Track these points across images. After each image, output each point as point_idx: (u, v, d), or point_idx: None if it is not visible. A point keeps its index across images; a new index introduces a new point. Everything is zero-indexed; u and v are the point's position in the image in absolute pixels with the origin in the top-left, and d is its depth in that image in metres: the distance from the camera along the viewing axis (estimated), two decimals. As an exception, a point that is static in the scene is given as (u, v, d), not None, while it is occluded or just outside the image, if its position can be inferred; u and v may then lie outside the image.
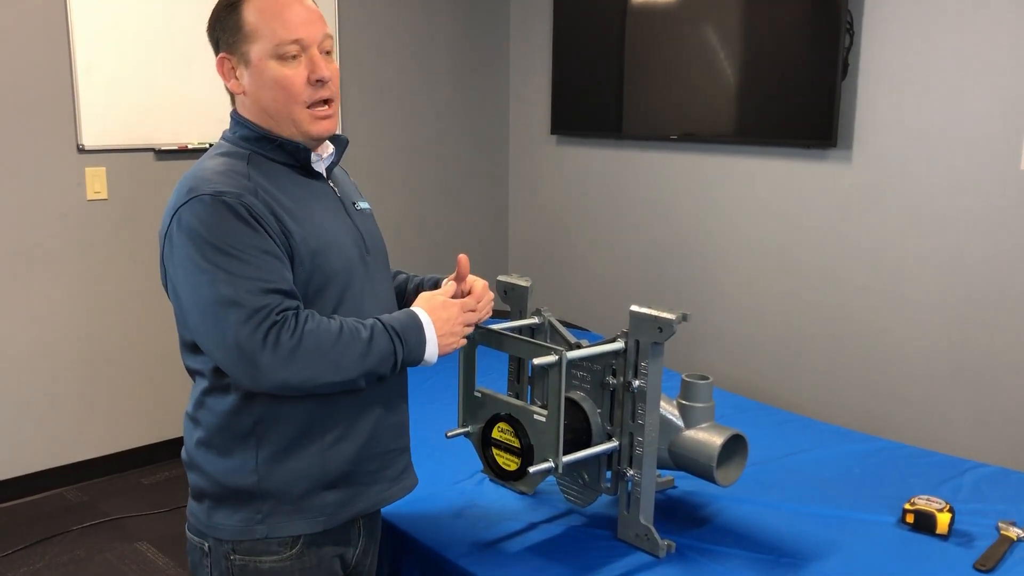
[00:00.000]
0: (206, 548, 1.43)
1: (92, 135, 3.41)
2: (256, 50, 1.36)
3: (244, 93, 1.41)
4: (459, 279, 1.55)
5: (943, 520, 1.71)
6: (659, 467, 1.72)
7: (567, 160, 4.49)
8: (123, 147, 3.50)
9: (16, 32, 3.21)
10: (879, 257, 3.39)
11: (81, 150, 3.40)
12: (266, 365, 1.26)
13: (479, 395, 1.73)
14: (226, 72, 1.41)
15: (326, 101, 1.41)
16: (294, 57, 1.37)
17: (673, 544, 1.66)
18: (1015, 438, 3.10)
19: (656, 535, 1.63)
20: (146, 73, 3.50)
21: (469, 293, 1.55)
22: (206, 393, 1.40)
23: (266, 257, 1.30)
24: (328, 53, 1.42)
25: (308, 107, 1.39)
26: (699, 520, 1.79)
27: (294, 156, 1.42)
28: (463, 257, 1.54)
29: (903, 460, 2.11)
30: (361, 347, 1.33)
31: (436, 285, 1.63)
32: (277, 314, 1.28)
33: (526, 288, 1.91)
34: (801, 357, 3.67)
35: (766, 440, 2.19)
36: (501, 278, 1.95)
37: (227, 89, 1.43)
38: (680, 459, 1.71)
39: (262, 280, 1.28)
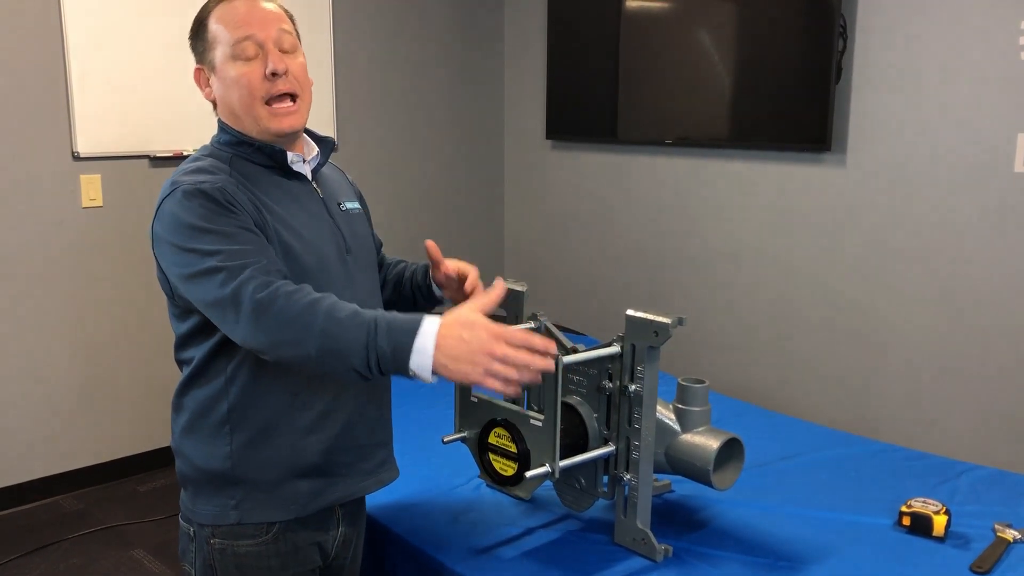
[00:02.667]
0: (191, 533, 1.49)
1: (87, 142, 3.41)
2: (218, 55, 1.43)
3: (215, 100, 1.48)
4: (436, 267, 1.59)
5: (939, 522, 1.71)
6: (656, 471, 1.72)
7: (562, 165, 4.49)
8: (118, 154, 3.50)
9: (10, 40, 3.21)
10: (874, 260, 3.39)
11: (76, 157, 3.40)
12: (251, 314, 1.26)
13: (475, 400, 1.72)
14: (201, 82, 1.49)
15: (289, 96, 1.44)
16: (251, 57, 1.42)
17: (670, 548, 1.66)
18: (1011, 440, 3.11)
19: (653, 539, 1.63)
20: (141, 80, 3.50)
21: (460, 282, 1.59)
22: (189, 380, 1.45)
23: (248, 234, 1.34)
24: (289, 51, 1.45)
25: (268, 103, 1.43)
26: (696, 524, 1.79)
27: (271, 157, 1.46)
28: (430, 243, 1.55)
29: (899, 463, 2.11)
30: (333, 325, 1.24)
31: (426, 273, 1.69)
32: (264, 272, 1.30)
33: (522, 293, 1.91)
34: (797, 360, 3.67)
35: (763, 443, 2.19)
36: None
37: (207, 99, 1.50)
38: (677, 463, 1.71)
39: (242, 246, 1.32)
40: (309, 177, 1.53)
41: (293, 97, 1.45)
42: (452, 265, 1.58)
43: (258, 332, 1.26)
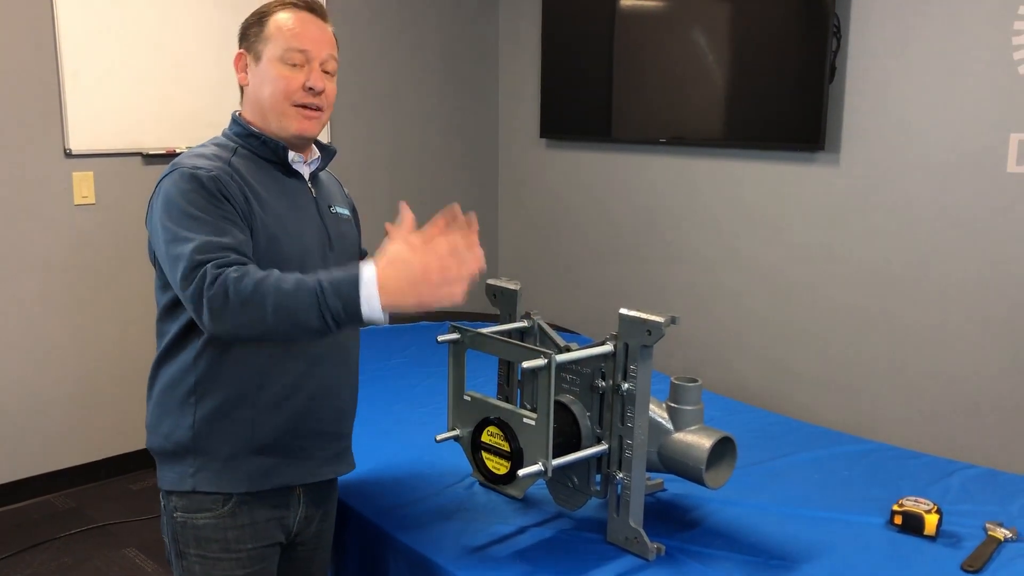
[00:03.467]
0: (163, 506, 1.59)
1: (79, 140, 3.40)
2: (268, 50, 1.55)
3: (248, 85, 1.59)
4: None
5: (931, 521, 1.72)
6: (648, 470, 1.72)
7: (556, 163, 4.49)
8: (110, 152, 3.49)
9: (3, 37, 3.20)
10: (866, 259, 3.40)
11: (68, 155, 3.39)
12: (208, 310, 1.34)
13: (468, 399, 1.72)
14: (239, 66, 1.60)
15: (316, 108, 1.57)
16: (296, 65, 1.54)
17: (663, 547, 1.66)
18: (1002, 439, 3.12)
19: (646, 538, 1.63)
20: (133, 78, 3.49)
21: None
22: (164, 353, 1.55)
23: (225, 223, 1.43)
24: (330, 74, 1.59)
25: (296, 106, 1.55)
26: (689, 523, 1.79)
27: (275, 153, 1.57)
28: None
29: (891, 462, 2.12)
30: (284, 298, 1.32)
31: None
32: (219, 266, 1.37)
33: (515, 291, 1.91)
34: (790, 359, 3.68)
35: (755, 442, 2.20)
36: (491, 281, 1.95)
37: (238, 84, 1.62)
38: (669, 462, 1.71)
39: (216, 237, 1.41)
40: (306, 177, 1.63)
41: (319, 109, 1.57)
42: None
43: (218, 325, 1.34)
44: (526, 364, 1.55)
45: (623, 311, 1.62)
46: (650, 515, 1.76)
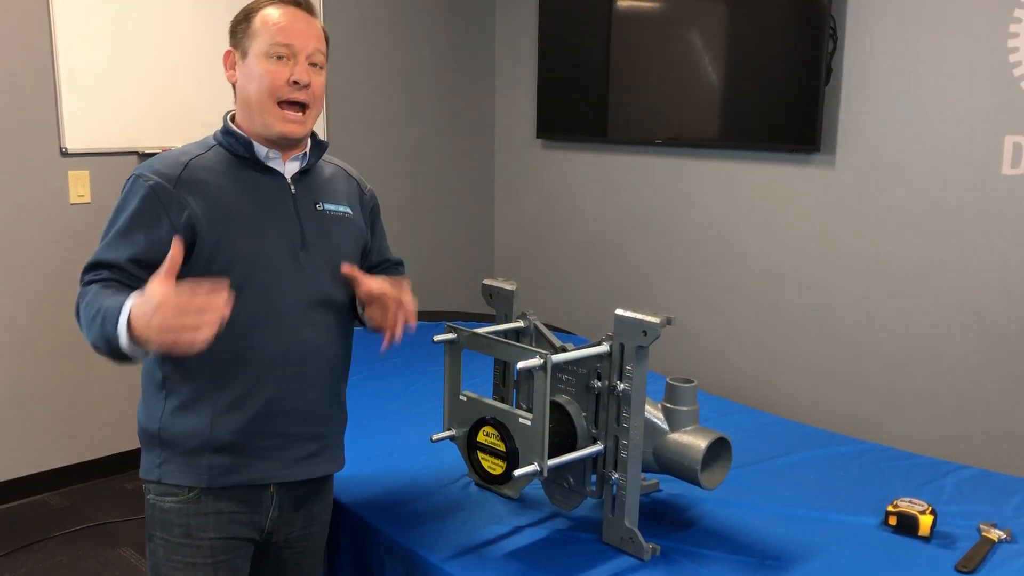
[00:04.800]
0: (144, 489, 1.61)
1: (75, 138, 3.39)
2: (254, 47, 1.55)
3: (235, 83, 1.59)
4: (357, 286, 1.61)
5: (925, 522, 1.72)
6: (644, 470, 1.72)
7: (553, 164, 4.49)
8: (106, 150, 3.48)
9: (-2, 34, 3.19)
10: (862, 260, 3.41)
11: (64, 153, 3.38)
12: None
13: (464, 399, 1.73)
14: (228, 63, 1.60)
15: (301, 106, 1.56)
16: (281, 58, 1.53)
17: (658, 547, 1.66)
18: (996, 440, 3.13)
19: (641, 538, 1.64)
20: (129, 76, 3.48)
21: (382, 302, 1.59)
22: None
23: (136, 236, 1.48)
24: (318, 67, 1.57)
25: (281, 105, 1.54)
26: (684, 523, 1.80)
27: (248, 150, 1.57)
28: (345, 268, 1.60)
29: (886, 462, 2.12)
30: (88, 321, 1.39)
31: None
32: (87, 283, 1.45)
33: (511, 292, 1.91)
34: (785, 360, 3.69)
35: (750, 443, 2.20)
36: (486, 282, 1.95)
37: (228, 82, 1.62)
38: (665, 462, 1.71)
39: (109, 253, 1.47)
40: (284, 173, 1.61)
41: (304, 108, 1.56)
42: (375, 286, 1.58)
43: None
44: (522, 364, 1.55)
45: (619, 312, 1.62)
46: (645, 515, 1.77)
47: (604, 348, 1.64)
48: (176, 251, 1.32)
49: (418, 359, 2.86)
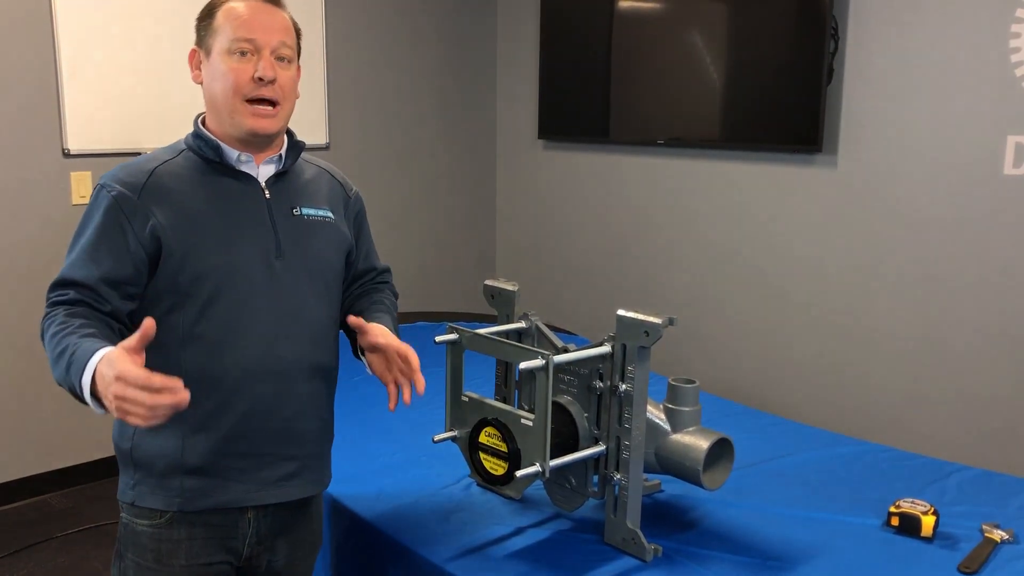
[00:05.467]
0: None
1: (77, 139, 3.39)
2: (217, 44, 1.47)
3: (202, 83, 1.52)
4: (362, 336, 1.53)
5: (928, 523, 1.72)
6: (646, 471, 1.72)
7: (555, 164, 4.49)
8: (108, 151, 3.49)
9: (1, 37, 3.20)
10: (864, 261, 3.41)
11: (66, 154, 3.38)
12: None
13: (466, 399, 1.72)
14: (193, 63, 1.53)
15: (270, 102, 1.48)
16: (244, 54, 1.46)
17: (660, 548, 1.66)
18: (999, 441, 3.12)
19: (643, 539, 1.63)
20: (131, 77, 3.48)
21: (385, 355, 1.52)
22: None
23: (100, 253, 1.42)
24: (285, 61, 1.50)
25: (249, 102, 1.47)
26: (686, 524, 1.80)
27: (218, 153, 1.50)
28: (352, 319, 1.52)
29: (888, 463, 2.12)
30: (55, 357, 1.32)
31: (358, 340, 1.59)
32: (52, 304, 1.41)
33: (513, 292, 1.91)
34: (788, 361, 3.68)
35: (752, 444, 2.20)
36: (488, 282, 1.95)
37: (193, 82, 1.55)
38: (667, 463, 1.71)
39: (74, 271, 1.42)
40: (257, 176, 1.53)
41: (274, 104, 1.48)
42: (381, 339, 1.52)
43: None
44: (524, 365, 1.55)
45: (621, 312, 1.62)
46: (647, 516, 1.76)
47: (606, 349, 1.64)
48: (148, 326, 1.23)
49: (420, 360, 2.86)
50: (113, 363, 1.21)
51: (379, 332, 1.52)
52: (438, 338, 1.77)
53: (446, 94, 4.56)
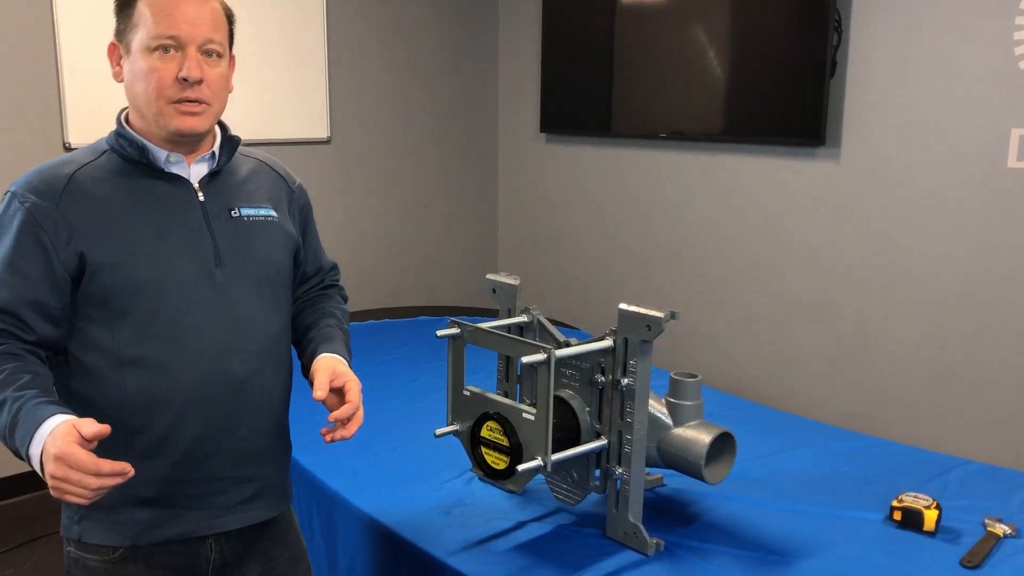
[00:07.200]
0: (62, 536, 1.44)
1: (78, 134, 3.39)
2: (136, 40, 1.34)
3: (123, 82, 1.39)
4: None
5: (930, 517, 1.72)
6: (648, 465, 1.72)
7: (556, 158, 4.49)
8: (110, 146, 3.48)
9: (2, 32, 3.19)
10: (867, 254, 3.40)
11: (68, 149, 3.38)
12: None
13: (468, 394, 1.72)
14: (113, 59, 1.40)
15: (196, 102, 1.35)
16: (167, 51, 1.32)
17: (662, 542, 1.66)
18: (1002, 435, 3.12)
19: (645, 533, 1.64)
20: (133, 71, 3.48)
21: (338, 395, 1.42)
22: None
23: (17, 276, 1.28)
24: (214, 56, 1.36)
25: (174, 103, 1.34)
26: (688, 518, 1.80)
27: (143, 155, 1.37)
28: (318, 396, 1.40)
29: (891, 457, 2.12)
30: None
31: (314, 354, 1.50)
32: None
33: (515, 286, 1.91)
34: (789, 355, 3.68)
35: (754, 438, 2.20)
36: (490, 276, 1.95)
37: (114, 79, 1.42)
38: (669, 457, 1.71)
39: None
40: (189, 178, 1.40)
41: (200, 102, 1.35)
42: (319, 394, 1.40)
43: None
44: (525, 359, 1.55)
45: (623, 306, 1.62)
46: (649, 510, 1.76)
47: (608, 343, 1.64)
48: (104, 430, 1.15)
49: (422, 354, 2.86)
50: (57, 440, 1.13)
51: (319, 385, 1.39)
52: (440, 332, 1.77)
53: (448, 88, 4.55)
